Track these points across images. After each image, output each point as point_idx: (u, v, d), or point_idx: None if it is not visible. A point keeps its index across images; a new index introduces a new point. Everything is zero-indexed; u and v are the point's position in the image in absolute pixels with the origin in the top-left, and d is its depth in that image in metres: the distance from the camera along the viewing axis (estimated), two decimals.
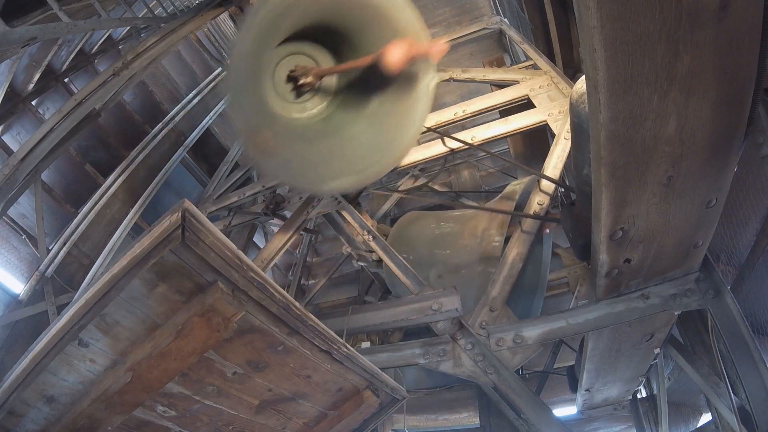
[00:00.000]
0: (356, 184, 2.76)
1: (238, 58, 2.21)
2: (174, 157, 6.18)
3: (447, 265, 3.63)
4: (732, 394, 2.40)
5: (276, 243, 3.64)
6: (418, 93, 2.55)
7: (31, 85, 4.92)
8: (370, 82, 2.64)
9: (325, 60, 2.73)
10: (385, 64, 2.21)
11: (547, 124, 3.42)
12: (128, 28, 5.12)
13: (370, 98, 2.66)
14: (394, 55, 2.20)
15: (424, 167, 6.43)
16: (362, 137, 2.65)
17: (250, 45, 2.18)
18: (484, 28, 5.58)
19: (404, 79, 2.51)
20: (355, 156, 2.63)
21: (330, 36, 2.61)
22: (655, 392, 3.61)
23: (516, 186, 3.69)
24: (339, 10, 2.42)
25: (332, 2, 2.39)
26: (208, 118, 6.96)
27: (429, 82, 2.55)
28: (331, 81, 2.78)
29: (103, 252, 5.01)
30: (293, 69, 2.60)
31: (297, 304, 1.76)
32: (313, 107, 2.79)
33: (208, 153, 6.97)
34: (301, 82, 2.56)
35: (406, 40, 2.26)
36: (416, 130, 2.68)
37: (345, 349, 2.03)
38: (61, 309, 4.09)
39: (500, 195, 3.85)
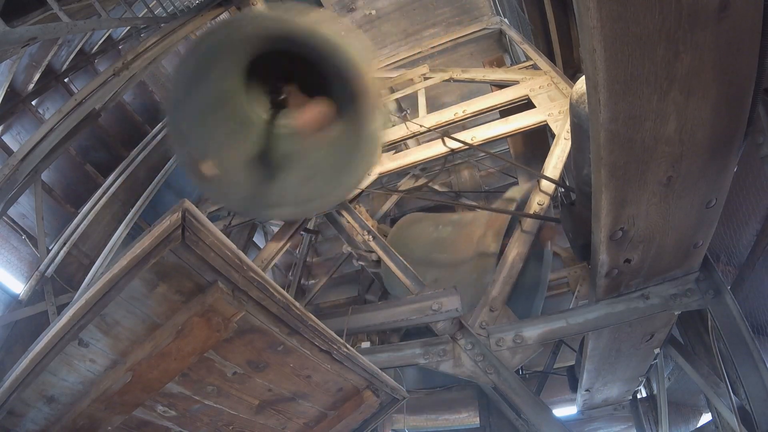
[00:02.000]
0: (295, 215, 2.78)
1: (175, 91, 2.26)
2: (174, 157, 6.17)
3: (443, 269, 3.64)
4: (732, 394, 2.40)
5: (276, 243, 3.64)
6: (366, 137, 2.52)
7: (31, 85, 4.92)
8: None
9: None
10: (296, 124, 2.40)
11: (547, 124, 3.42)
12: (128, 28, 5.12)
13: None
14: (300, 118, 2.39)
15: (424, 167, 6.45)
16: (310, 171, 2.63)
17: (191, 77, 2.24)
18: (484, 28, 5.58)
19: (355, 123, 2.48)
20: (300, 188, 2.61)
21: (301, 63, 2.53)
22: (655, 392, 3.61)
23: (516, 192, 3.69)
24: (289, 42, 2.35)
25: (279, 36, 2.34)
26: None
27: (375, 129, 2.49)
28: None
29: (103, 252, 5.00)
30: (274, 87, 2.60)
31: (297, 304, 1.76)
32: (283, 127, 2.71)
33: None
34: (280, 98, 2.57)
35: (306, 108, 2.37)
36: (362, 172, 2.69)
37: (345, 349, 2.03)
38: (61, 309, 4.08)
39: (500, 199, 3.86)
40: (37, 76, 4.93)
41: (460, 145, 3.50)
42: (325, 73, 2.41)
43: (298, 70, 2.54)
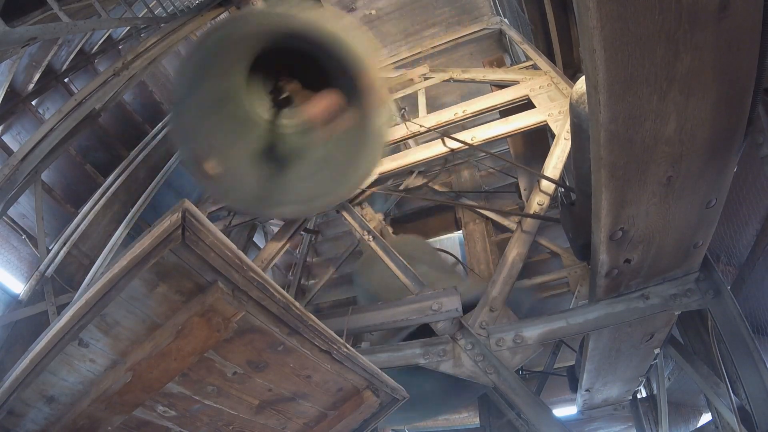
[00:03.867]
0: (300, 213, 2.80)
1: (179, 89, 2.27)
2: (174, 157, 6.17)
3: None
4: (732, 394, 2.40)
5: (276, 243, 3.64)
6: (370, 134, 2.57)
7: (31, 85, 4.92)
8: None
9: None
10: (306, 115, 2.42)
11: (547, 125, 3.42)
12: (128, 28, 5.11)
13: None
14: (309, 109, 2.39)
15: (424, 167, 6.44)
16: (314, 168, 2.66)
17: (195, 75, 2.26)
18: (484, 29, 5.58)
19: (360, 118, 2.51)
20: (303, 186, 2.64)
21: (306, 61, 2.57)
22: (655, 392, 3.61)
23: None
24: (289, 39, 2.39)
25: (282, 32, 2.37)
26: None
27: (381, 124, 2.54)
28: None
29: (103, 252, 5.00)
30: (276, 85, 2.62)
31: (297, 304, 1.76)
32: (287, 125, 2.77)
33: None
34: (282, 96, 2.59)
35: (316, 99, 2.38)
36: (366, 170, 2.73)
37: (345, 349, 2.03)
38: (61, 309, 4.09)
39: None
40: (37, 76, 4.93)
41: (460, 145, 3.50)
42: (329, 68, 2.41)
43: (301, 67, 2.55)
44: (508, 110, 3.79)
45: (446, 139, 3.55)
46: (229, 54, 2.34)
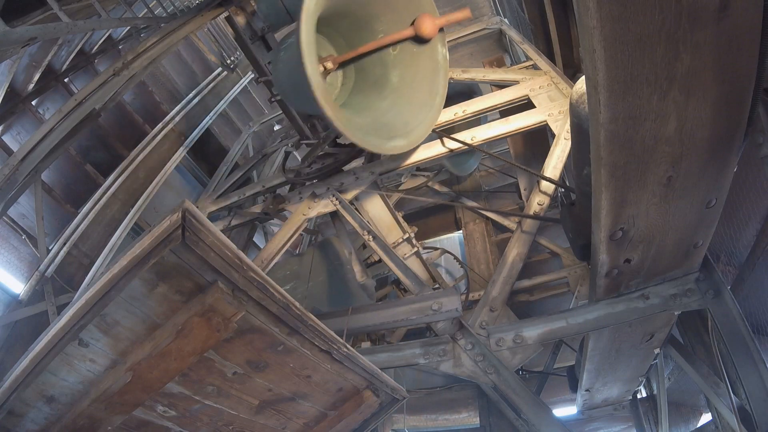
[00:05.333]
0: (408, 146, 3.06)
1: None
2: (174, 157, 6.17)
3: None
4: (732, 394, 2.40)
5: (276, 243, 3.64)
6: (438, 61, 3.05)
7: (31, 85, 4.92)
8: (377, 66, 3.07)
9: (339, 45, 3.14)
10: (422, 34, 2.77)
11: (547, 124, 3.42)
12: (128, 28, 5.11)
13: (387, 78, 3.08)
14: (429, 26, 2.75)
15: (424, 167, 6.44)
16: (394, 108, 3.04)
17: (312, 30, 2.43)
18: (484, 28, 5.58)
19: (418, 53, 3.00)
20: (394, 123, 2.98)
21: (341, 22, 2.96)
22: (655, 392, 3.61)
23: None
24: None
25: None
26: (208, 118, 6.96)
27: (444, 51, 3.06)
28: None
29: (103, 252, 5.00)
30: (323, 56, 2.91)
31: (297, 304, 1.76)
32: (333, 90, 3.20)
33: (208, 153, 6.96)
34: (324, 68, 2.85)
35: (429, 15, 2.78)
36: (444, 93, 3.14)
37: (345, 349, 2.03)
38: (61, 309, 4.08)
39: None
40: (37, 76, 4.93)
41: (460, 145, 3.50)
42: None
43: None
44: (508, 110, 3.79)
45: (446, 140, 3.55)
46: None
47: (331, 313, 3.14)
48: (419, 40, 2.89)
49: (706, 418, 3.68)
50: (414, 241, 3.54)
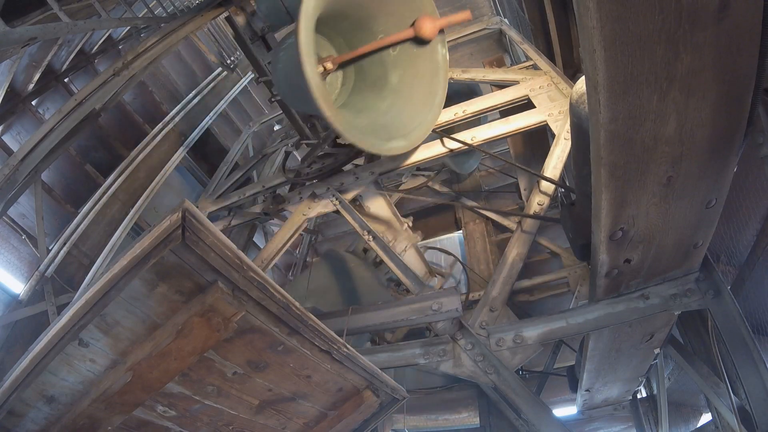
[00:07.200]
0: (408, 147, 3.05)
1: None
2: (174, 157, 6.18)
3: None
4: (732, 394, 2.40)
5: (276, 243, 3.64)
6: (437, 62, 3.05)
7: (31, 85, 4.92)
8: (376, 66, 3.08)
9: (339, 45, 3.13)
10: (422, 35, 2.77)
11: (547, 125, 3.42)
12: (128, 28, 5.12)
13: (386, 78, 3.08)
14: (429, 27, 2.76)
15: (425, 167, 6.44)
16: (393, 109, 3.04)
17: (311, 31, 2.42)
18: (484, 28, 5.57)
19: (418, 54, 3.00)
20: (393, 124, 2.98)
21: (340, 23, 2.96)
22: (655, 392, 3.61)
23: None
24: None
25: None
26: (208, 118, 6.96)
27: (444, 52, 3.06)
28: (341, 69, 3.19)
29: (103, 252, 5.00)
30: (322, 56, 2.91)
31: (297, 304, 1.76)
32: (332, 90, 3.19)
33: (208, 153, 6.97)
34: (324, 69, 2.85)
35: (429, 16, 2.78)
36: (443, 93, 3.13)
37: (345, 349, 2.03)
38: (61, 309, 4.09)
39: None
40: (37, 76, 4.93)
41: (460, 145, 3.50)
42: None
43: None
44: (508, 110, 3.79)
45: (446, 140, 3.55)
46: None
47: (331, 313, 3.14)
48: (419, 41, 2.89)
49: (706, 418, 3.68)
50: (411, 232, 3.57)
